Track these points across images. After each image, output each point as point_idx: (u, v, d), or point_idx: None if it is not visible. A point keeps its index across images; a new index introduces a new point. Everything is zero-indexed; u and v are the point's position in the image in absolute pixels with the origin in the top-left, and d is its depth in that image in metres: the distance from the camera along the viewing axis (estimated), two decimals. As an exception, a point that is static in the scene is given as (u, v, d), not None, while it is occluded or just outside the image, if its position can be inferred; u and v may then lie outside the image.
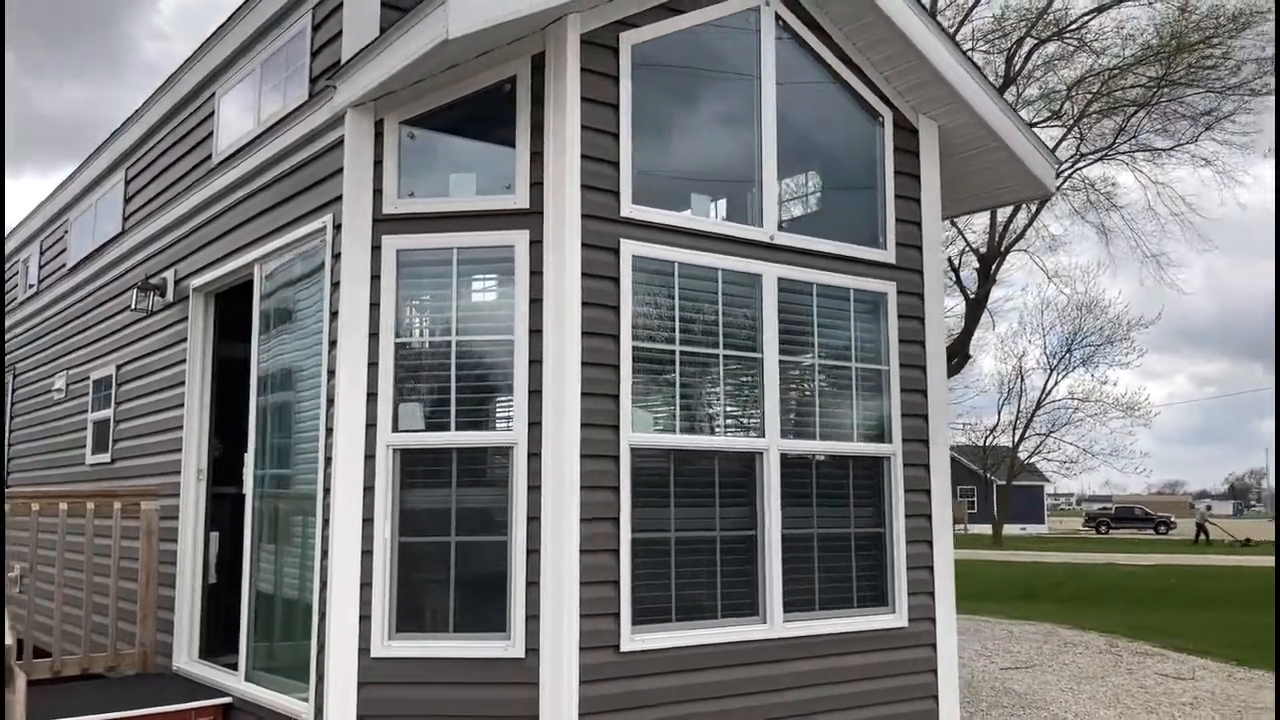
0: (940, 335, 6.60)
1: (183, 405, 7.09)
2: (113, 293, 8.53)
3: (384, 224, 5.30)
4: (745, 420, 5.80)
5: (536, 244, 5.18)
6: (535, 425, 5.07)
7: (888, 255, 6.39)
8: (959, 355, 24.16)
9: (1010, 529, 60.73)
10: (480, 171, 5.41)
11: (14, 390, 11.24)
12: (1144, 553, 38.26)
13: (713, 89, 6.07)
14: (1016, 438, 46.57)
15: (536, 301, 5.14)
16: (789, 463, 5.82)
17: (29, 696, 5.70)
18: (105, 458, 8.36)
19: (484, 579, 5.14)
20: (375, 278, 5.26)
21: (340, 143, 5.39)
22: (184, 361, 7.13)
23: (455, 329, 5.33)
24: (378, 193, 5.32)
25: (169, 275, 7.45)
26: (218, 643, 6.67)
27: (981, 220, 25.91)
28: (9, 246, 12.04)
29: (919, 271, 6.52)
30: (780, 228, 5.96)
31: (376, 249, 5.27)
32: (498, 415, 5.18)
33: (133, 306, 7.70)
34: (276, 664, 5.77)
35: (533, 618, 4.98)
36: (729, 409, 5.77)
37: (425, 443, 5.18)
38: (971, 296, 24.38)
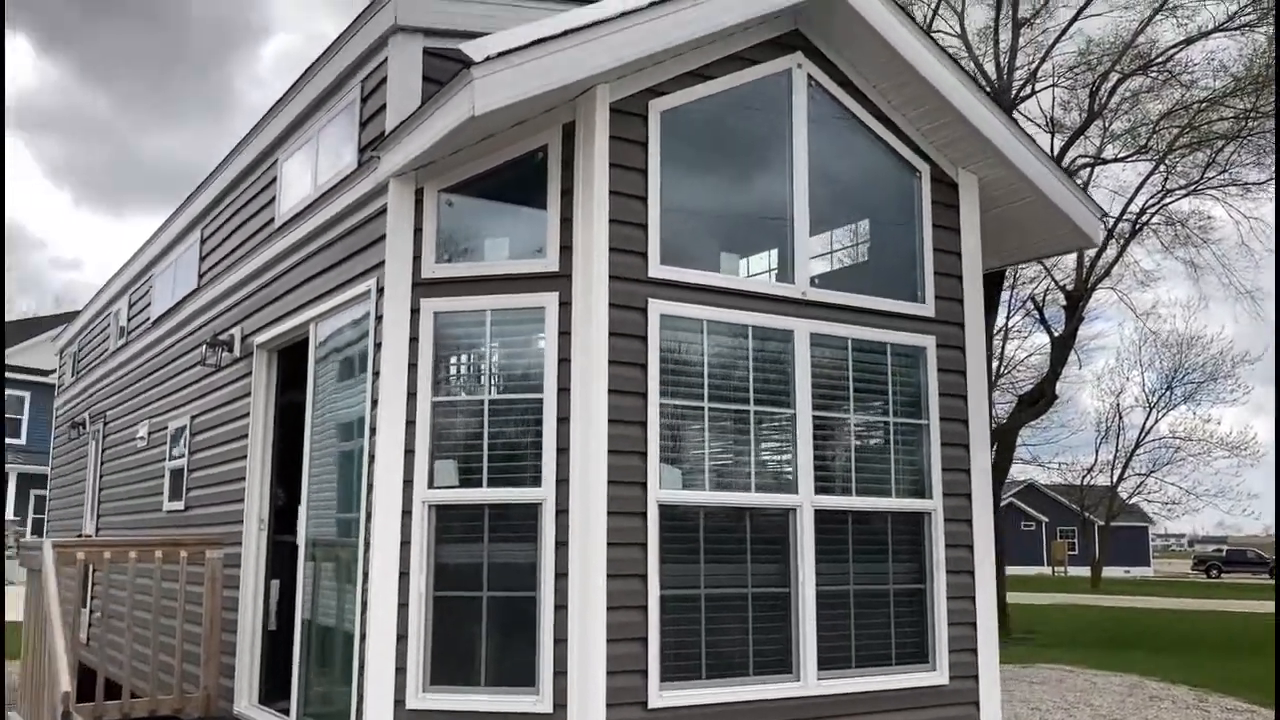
0: (982, 387, 6.56)
1: (247, 457, 7.40)
2: (188, 347, 8.95)
3: (422, 288, 5.51)
4: (778, 476, 5.85)
5: (565, 305, 5.34)
6: (563, 482, 5.20)
7: (926, 309, 6.40)
8: (1045, 395, 23.68)
9: (1113, 572, 58.77)
10: (513, 236, 5.61)
11: (105, 436, 11.80)
12: (1253, 598, 36.74)
13: (744, 148, 6.17)
14: (1115, 477, 45.22)
15: (565, 361, 5.29)
16: (824, 518, 5.84)
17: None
18: (180, 505, 8.74)
19: (514, 633, 5.26)
20: (414, 339, 5.47)
21: (384, 210, 5.64)
22: (248, 415, 7.45)
23: (488, 388, 5.52)
24: (417, 258, 5.54)
25: (236, 332, 7.80)
26: (276, 688, 6.89)
27: (1069, 256, 25.44)
28: (103, 299, 12.68)
29: (960, 324, 6.51)
30: (813, 283, 6.03)
31: (415, 312, 5.49)
32: (528, 472, 5.32)
33: (203, 362, 8.07)
34: (323, 711, 5.97)
35: (560, 673, 5.08)
36: (761, 465, 5.82)
37: (459, 499, 5.35)
38: (1057, 335, 23.90)
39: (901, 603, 6.12)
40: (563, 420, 5.26)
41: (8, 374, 41.60)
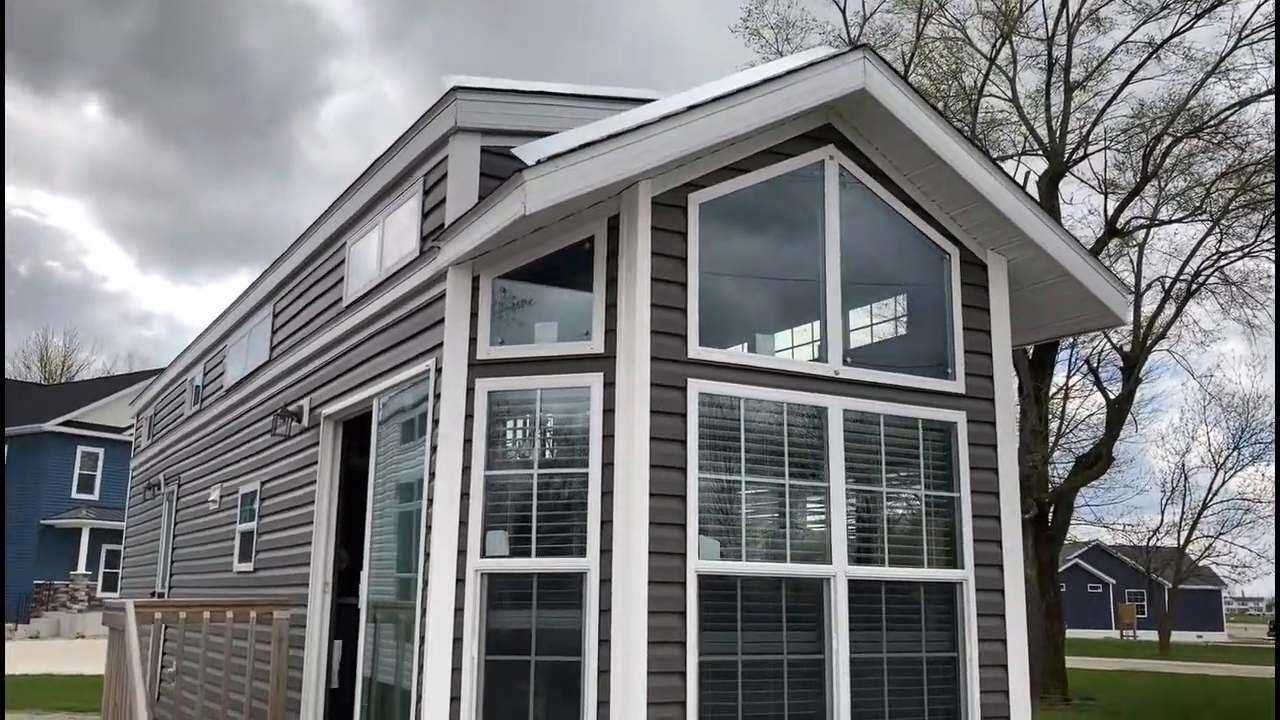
0: (1012, 461, 6.80)
1: (313, 522, 7.84)
2: (259, 415, 9.46)
3: (477, 368, 5.93)
4: (812, 547, 6.12)
5: (610, 385, 5.72)
6: (606, 552, 5.54)
7: (957, 386, 6.67)
8: (1102, 458, 23.52)
9: (1185, 636, 57.21)
10: (561, 320, 6.02)
11: (179, 498, 12.37)
12: (1328, 666, 35.55)
13: (778, 233, 6.55)
14: (1182, 539, 44.31)
15: (609, 437, 5.65)
16: (857, 588, 6.10)
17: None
18: (249, 566, 9.20)
19: (560, 696, 5.58)
20: (469, 416, 5.87)
21: (443, 295, 6.08)
22: (315, 482, 7.91)
23: (537, 462, 5.90)
24: (473, 340, 5.96)
25: (305, 403, 8.29)
26: (337, 744, 7.26)
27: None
28: (179, 366, 13.34)
29: (990, 400, 6.77)
30: (846, 361, 6.34)
31: (470, 391, 5.90)
32: (574, 542, 5.66)
33: (273, 431, 8.57)
34: (381, 767, 6.31)
35: (603, 734, 5.37)
36: (796, 536, 6.11)
37: (509, 568, 5.71)
38: (1113, 397, 23.79)
39: (934, 670, 6.33)
40: (606, 494, 5.61)
41: (85, 431, 42.99)
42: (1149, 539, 46.46)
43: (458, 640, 5.62)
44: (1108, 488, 37.90)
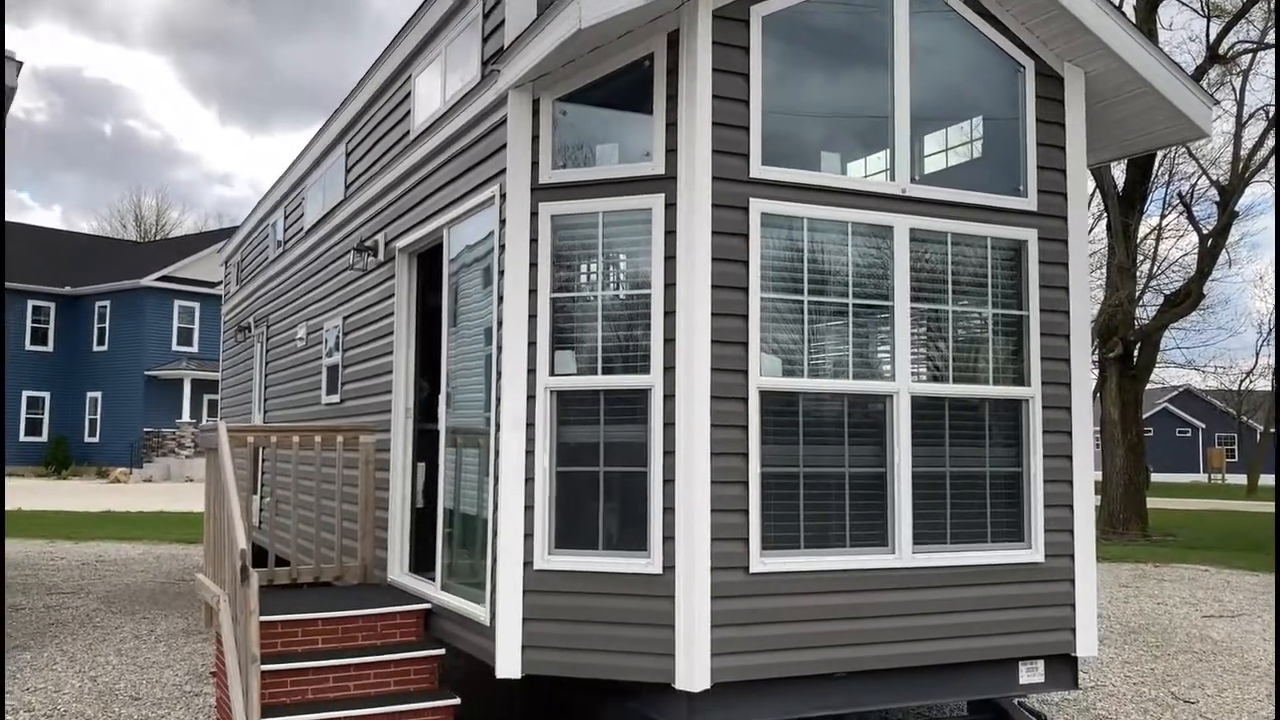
0: (1084, 280, 6.71)
1: (393, 353, 8.11)
2: (338, 253, 9.71)
3: (540, 192, 5.99)
4: (875, 365, 6.18)
5: (671, 206, 5.74)
6: (669, 370, 5.67)
7: (1029, 203, 6.55)
8: (1191, 295, 22.93)
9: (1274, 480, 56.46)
10: (622, 142, 6.01)
11: (268, 338, 12.84)
12: None
13: (845, 47, 6.39)
14: (1276, 383, 43.25)
15: (671, 258, 5.71)
16: (921, 405, 6.17)
17: (277, 596, 6.88)
18: (336, 398, 9.60)
19: (628, 504, 5.82)
20: (534, 240, 5.97)
21: (504, 121, 6.11)
22: (394, 314, 8.15)
23: (601, 284, 6.00)
24: (535, 164, 6.01)
25: (380, 238, 8.47)
26: (423, 558, 7.67)
27: (1226, 149, 24.31)
28: (260, 212, 13.66)
29: (1063, 217, 6.65)
30: (914, 179, 6.26)
31: (534, 215, 5.98)
32: (638, 360, 5.79)
33: (351, 266, 8.80)
34: (463, 575, 6.68)
35: (669, 539, 5.61)
36: (859, 355, 6.16)
37: (577, 385, 5.88)
38: (1205, 232, 23.00)
39: (998, 485, 6.42)
40: (669, 313, 5.70)
41: (181, 286, 44.41)
42: (1241, 382, 45.48)
43: (529, 453, 5.86)
44: (1200, 329, 37.04)
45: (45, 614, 11.09)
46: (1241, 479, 54.93)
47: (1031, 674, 6.42)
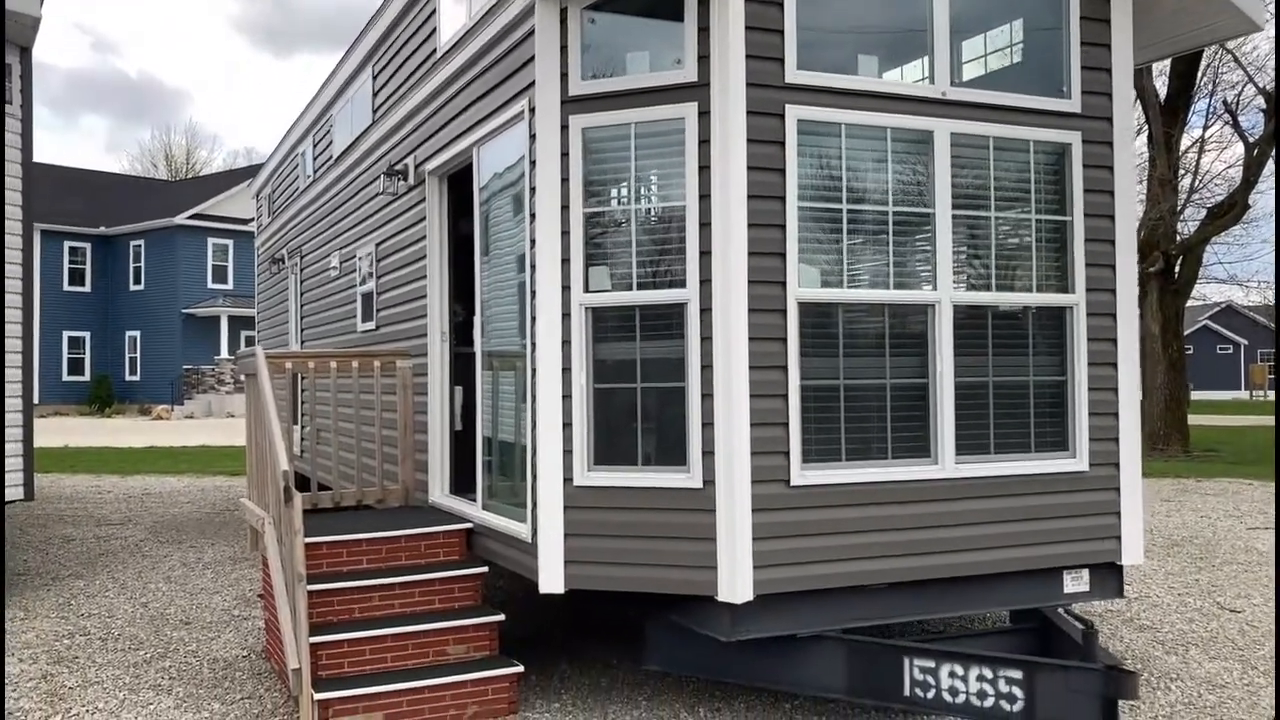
0: (1130, 184, 6.52)
1: (427, 277, 8.07)
2: (369, 179, 9.64)
3: (570, 105, 5.87)
4: (916, 275, 6.06)
5: (705, 115, 5.60)
6: (706, 283, 5.58)
7: (1073, 105, 6.35)
8: (1237, 205, 22.43)
9: (1317, 395, 55.73)
10: (653, 49, 5.86)
11: (302, 269, 12.85)
12: None
13: (882, -51, 6.17)
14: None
15: (705, 169, 5.60)
16: (963, 314, 6.06)
17: (320, 519, 6.95)
18: (371, 325, 9.60)
19: (666, 419, 5.78)
20: (565, 155, 5.86)
21: (532, 32, 5.97)
22: (425, 239, 8.09)
23: (634, 197, 5.90)
24: (564, 76, 5.88)
25: (409, 161, 8.38)
26: (463, 479, 7.71)
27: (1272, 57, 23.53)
28: (289, 141, 13.57)
29: (1108, 119, 6.44)
30: (954, 82, 6.08)
31: (565, 128, 5.87)
32: (673, 275, 5.72)
33: (382, 191, 8.73)
34: (503, 494, 6.71)
35: (708, 454, 5.58)
36: (899, 264, 6.04)
37: (612, 301, 5.82)
38: (1252, 140, 22.39)
39: (1042, 394, 6.32)
40: (705, 225, 5.60)
41: (213, 224, 44.59)
42: (1285, 296, 44.60)
43: (566, 370, 5.82)
44: (1243, 244, 36.32)
45: (96, 544, 11.33)
46: (1285, 395, 54.23)
47: (1076, 583, 6.38)
